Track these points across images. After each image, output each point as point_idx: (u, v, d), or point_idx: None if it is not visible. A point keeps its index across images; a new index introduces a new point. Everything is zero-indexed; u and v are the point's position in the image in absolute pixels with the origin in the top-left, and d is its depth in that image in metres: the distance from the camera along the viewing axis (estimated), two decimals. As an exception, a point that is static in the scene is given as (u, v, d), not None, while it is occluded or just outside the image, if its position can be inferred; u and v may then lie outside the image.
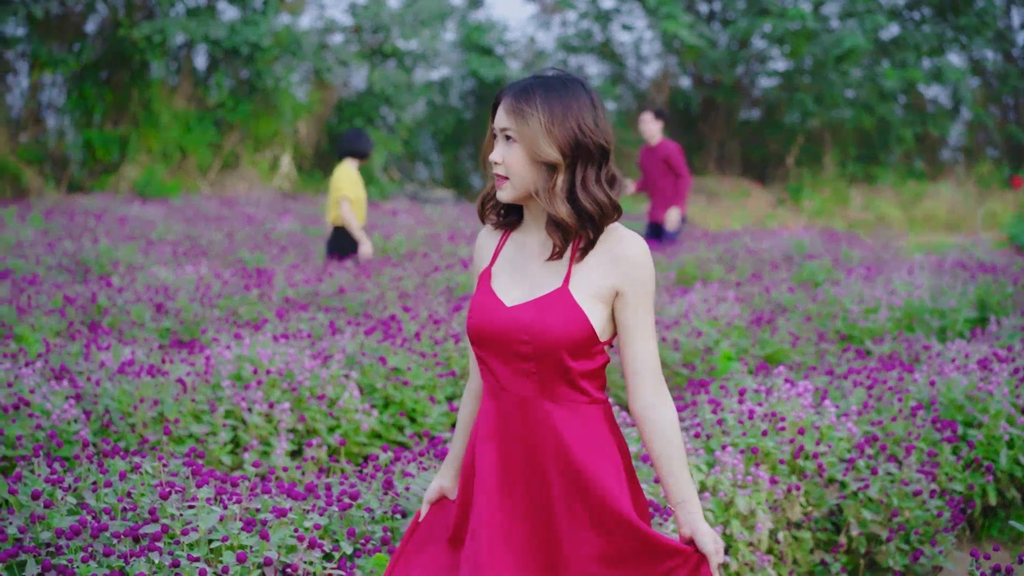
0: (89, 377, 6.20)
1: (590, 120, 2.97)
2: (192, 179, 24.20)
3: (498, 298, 3.06)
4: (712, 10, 27.52)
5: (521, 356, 2.99)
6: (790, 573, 4.93)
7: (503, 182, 3.01)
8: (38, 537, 3.78)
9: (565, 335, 2.93)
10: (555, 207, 2.94)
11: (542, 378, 2.99)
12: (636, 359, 3.02)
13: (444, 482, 3.40)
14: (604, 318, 3.00)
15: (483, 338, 3.05)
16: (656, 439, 3.02)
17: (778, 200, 23.89)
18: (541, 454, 3.01)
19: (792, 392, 5.33)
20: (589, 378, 3.02)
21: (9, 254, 11.71)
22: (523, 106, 2.95)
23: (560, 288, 2.97)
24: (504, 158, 2.99)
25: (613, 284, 2.98)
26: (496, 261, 3.15)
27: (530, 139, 2.93)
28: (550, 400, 3.00)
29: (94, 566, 3.51)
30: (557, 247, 2.98)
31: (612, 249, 2.99)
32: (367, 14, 26.47)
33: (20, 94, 24.73)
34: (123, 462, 4.36)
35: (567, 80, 3.02)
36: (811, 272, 11.45)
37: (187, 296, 8.97)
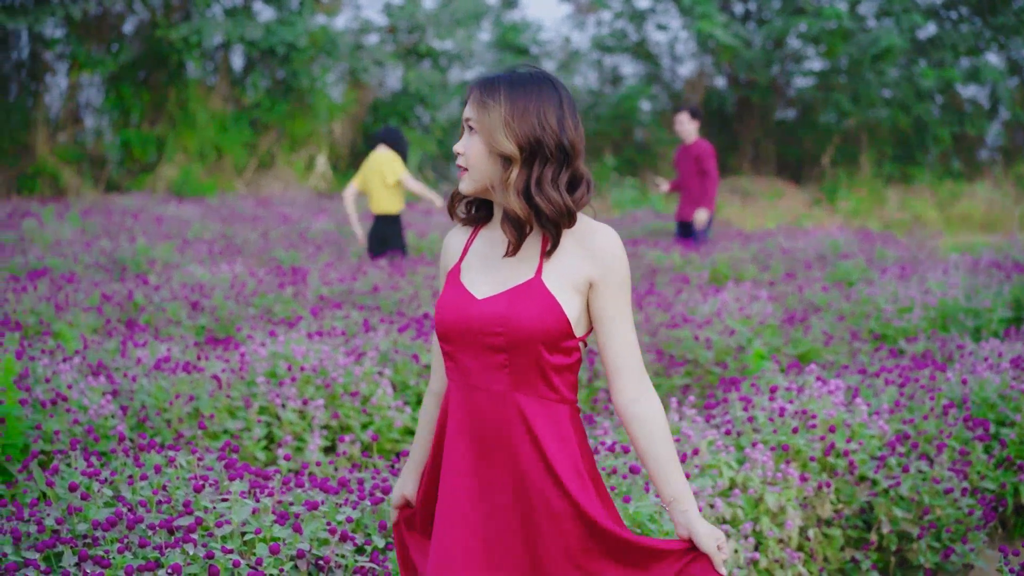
0: (126, 373, 6.26)
1: (553, 118, 2.93)
2: (228, 179, 24.34)
3: (468, 292, 3.02)
4: (747, 10, 27.45)
5: (493, 349, 2.94)
6: (820, 570, 4.93)
7: (463, 174, 3.00)
8: (75, 529, 3.83)
9: (540, 326, 2.90)
10: (509, 201, 2.91)
11: (514, 371, 2.94)
12: (615, 352, 2.98)
13: (406, 489, 3.37)
14: (578, 310, 2.95)
15: (453, 333, 3.00)
16: (642, 435, 2.97)
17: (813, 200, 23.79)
18: (515, 449, 2.97)
19: (823, 390, 5.33)
20: (561, 374, 2.97)
21: (48, 252, 11.82)
22: (486, 98, 2.93)
23: (533, 278, 2.94)
24: (465, 149, 2.97)
25: (587, 275, 2.94)
26: (465, 257, 3.11)
27: (489, 130, 2.91)
28: (522, 394, 2.96)
29: (129, 557, 3.56)
30: (511, 243, 2.95)
31: (585, 241, 2.96)
32: (402, 14, 26.55)
33: (59, 94, 24.97)
34: (158, 456, 4.42)
35: (537, 76, 2.98)
36: (845, 271, 11.42)
37: (222, 294, 9.04)
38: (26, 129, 23.30)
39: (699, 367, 7.48)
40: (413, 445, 3.38)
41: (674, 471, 2.96)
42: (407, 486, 3.37)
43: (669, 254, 12.12)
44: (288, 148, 25.74)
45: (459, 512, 3.00)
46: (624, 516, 4.08)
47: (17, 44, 24.05)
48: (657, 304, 8.76)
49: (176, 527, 3.69)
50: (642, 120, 27.82)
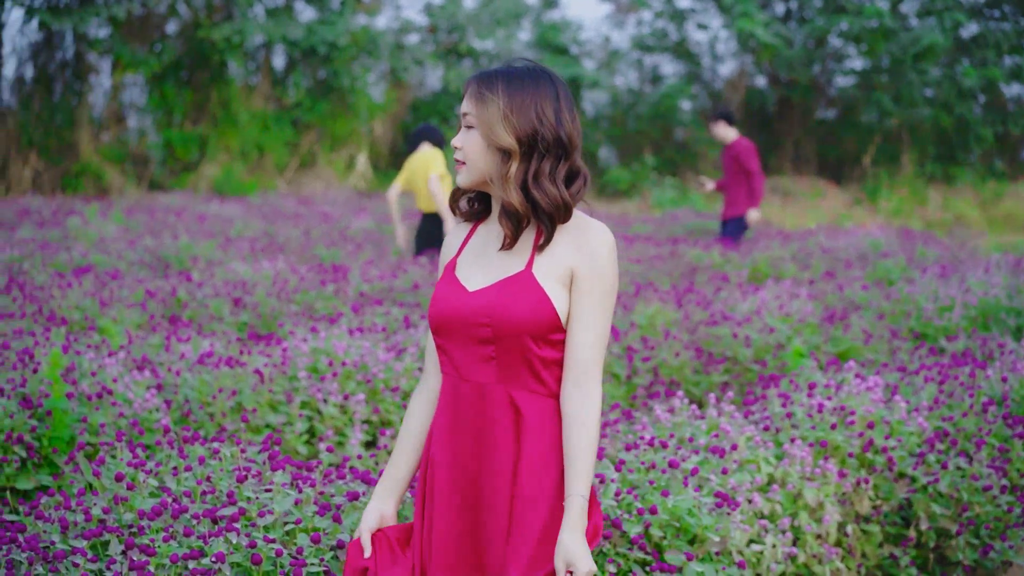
0: (170, 368, 6.34)
1: (551, 112, 2.94)
2: (269, 178, 24.49)
3: (461, 284, 3.04)
4: (788, 8, 27.36)
5: (481, 340, 2.96)
6: (858, 566, 4.94)
7: (461, 167, 3.02)
8: (121, 518, 3.89)
9: (528, 317, 2.91)
10: (508, 194, 2.93)
11: (502, 363, 2.96)
12: (572, 345, 2.96)
13: (385, 507, 3.27)
14: (567, 304, 2.96)
15: (444, 325, 3.02)
16: (565, 433, 2.95)
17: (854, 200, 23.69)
18: (493, 446, 2.98)
19: (862, 387, 5.34)
20: (550, 368, 2.98)
21: (92, 250, 11.94)
22: (484, 91, 2.95)
23: (523, 271, 2.96)
24: (463, 143, 2.99)
25: (571, 267, 2.94)
26: (462, 252, 3.13)
27: (487, 124, 2.93)
28: (509, 387, 2.97)
29: (174, 545, 3.61)
30: (507, 236, 2.97)
31: (576, 236, 2.97)
32: (443, 14, 26.64)
33: (103, 94, 25.18)
34: (202, 448, 4.48)
35: (534, 70, 2.99)
36: (885, 270, 11.39)
37: (264, 291, 9.11)
38: (71, 128, 23.52)
39: (738, 365, 7.49)
40: (393, 458, 3.28)
41: (575, 475, 2.89)
42: (387, 505, 3.28)
43: (709, 252, 12.12)
44: (329, 147, 25.87)
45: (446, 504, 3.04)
46: (663, 510, 4.10)
47: (62, 44, 24.27)
48: (696, 302, 8.77)
49: (219, 517, 3.75)
50: (682, 120, 27.78)
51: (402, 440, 3.26)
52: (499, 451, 2.98)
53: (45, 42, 24.00)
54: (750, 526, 4.42)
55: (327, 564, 3.64)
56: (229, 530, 3.62)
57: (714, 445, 4.68)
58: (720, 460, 4.61)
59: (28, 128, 22.92)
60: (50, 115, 23.57)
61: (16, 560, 3.51)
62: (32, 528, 3.83)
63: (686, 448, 4.71)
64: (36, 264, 10.79)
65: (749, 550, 4.36)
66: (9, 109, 23.37)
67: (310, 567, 3.57)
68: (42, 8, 22.17)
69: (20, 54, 24.06)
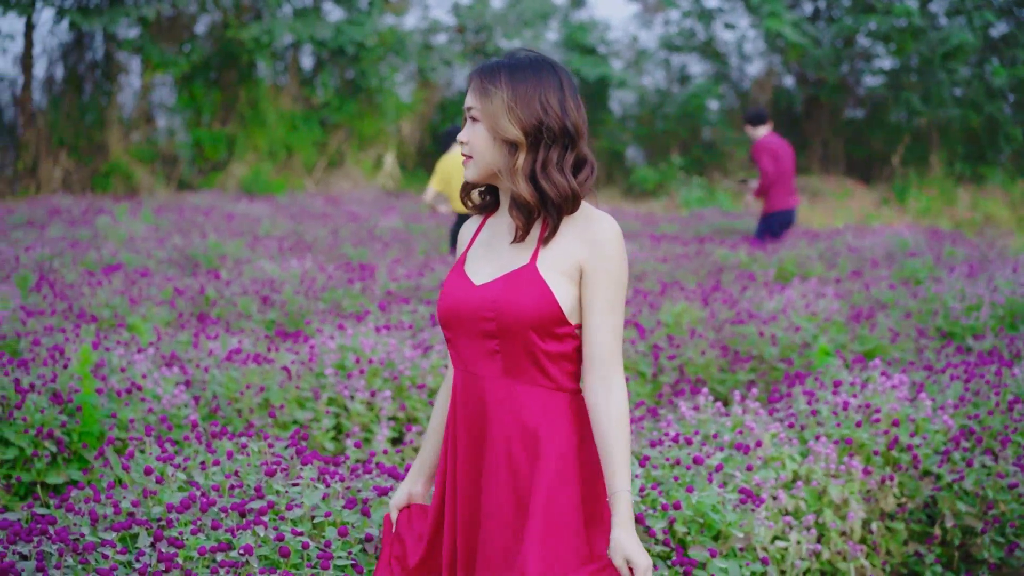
0: (198, 364, 6.39)
1: (555, 101, 2.93)
2: (298, 177, 24.57)
3: (468, 278, 3.04)
4: (817, 8, 27.28)
5: (486, 334, 2.95)
6: (883, 564, 4.94)
7: (468, 161, 3.01)
8: (150, 511, 3.94)
9: (530, 311, 2.89)
10: (517, 186, 2.92)
11: (507, 357, 2.95)
12: (588, 339, 2.94)
13: (414, 487, 3.39)
14: (573, 298, 2.95)
15: (451, 319, 3.03)
16: (595, 427, 2.93)
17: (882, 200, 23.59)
18: (499, 439, 2.98)
19: (888, 385, 5.34)
20: (556, 362, 2.97)
21: (121, 248, 12.03)
22: (487, 84, 2.94)
23: (527, 265, 2.94)
24: (469, 137, 2.98)
25: (579, 262, 2.93)
26: (472, 246, 3.14)
27: (492, 117, 2.92)
28: (514, 381, 2.96)
29: (203, 538, 3.65)
30: (519, 228, 2.96)
31: (582, 228, 2.95)
32: (471, 14, 26.67)
33: (132, 94, 25.32)
34: (230, 443, 4.52)
35: (536, 60, 2.98)
36: (912, 269, 11.36)
37: (292, 289, 9.17)
38: (100, 128, 23.66)
39: (764, 363, 7.49)
40: (423, 443, 3.39)
41: (617, 470, 2.89)
42: (416, 485, 3.39)
43: (735, 252, 12.11)
44: (357, 147, 25.93)
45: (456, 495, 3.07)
46: (687, 506, 4.12)
47: (92, 45, 24.43)
48: (723, 301, 8.77)
49: (248, 510, 3.78)
50: (709, 119, 27.73)
51: (430, 427, 3.35)
52: (502, 445, 2.98)
53: (75, 42, 24.16)
54: (774, 523, 4.44)
55: (355, 557, 3.67)
56: (257, 523, 3.65)
57: (739, 442, 4.70)
58: (745, 457, 4.63)
59: (58, 128, 23.07)
60: (80, 115, 23.72)
61: (47, 552, 3.56)
62: (62, 520, 3.87)
63: (711, 445, 4.72)
64: (66, 262, 10.88)
65: (773, 547, 4.38)
66: (39, 109, 23.52)
67: (338, 560, 3.60)
68: (72, 8, 22.31)
69: (50, 54, 24.23)
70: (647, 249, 12.51)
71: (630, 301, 8.72)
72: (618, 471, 2.88)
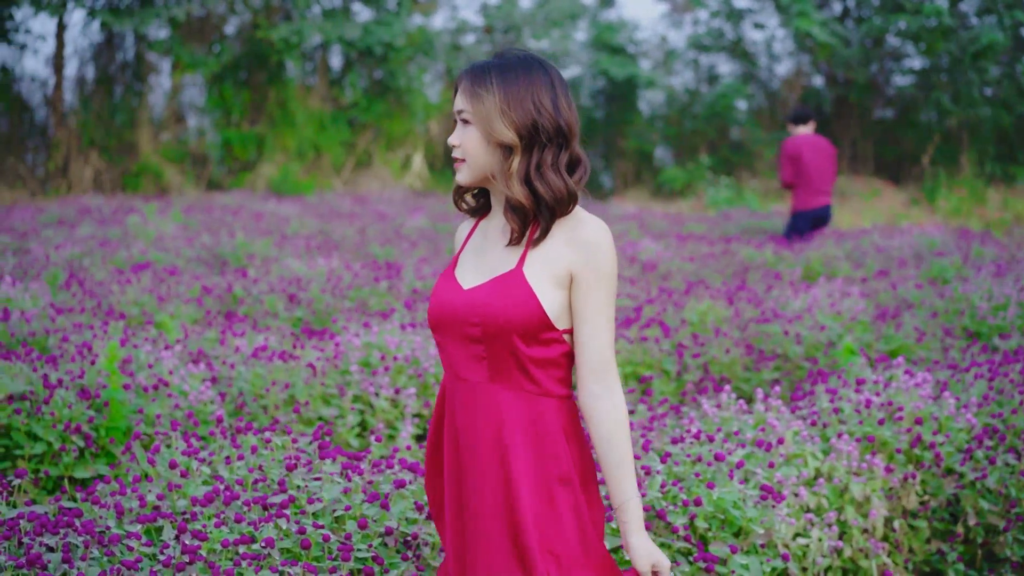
0: (224, 361, 6.45)
1: (548, 100, 2.88)
2: (326, 177, 24.65)
3: (457, 282, 2.99)
4: (846, 7, 27.18)
5: (472, 339, 2.90)
6: (906, 561, 4.94)
7: (460, 164, 2.96)
8: (174, 504, 3.99)
9: (514, 317, 2.84)
10: (512, 189, 2.87)
11: (493, 363, 2.89)
12: (582, 346, 2.89)
13: None
14: (560, 303, 2.89)
15: (439, 322, 2.99)
16: (597, 436, 2.89)
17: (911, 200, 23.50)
18: (482, 446, 2.92)
19: (911, 383, 5.34)
20: (543, 367, 2.91)
21: (151, 247, 12.11)
22: (478, 87, 2.89)
23: (513, 269, 2.89)
24: (461, 140, 2.93)
25: (569, 267, 2.88)
26: (464, 249, 3.09)
27: (485, 120, 2.87)
28: (500, 387, 2.90)
29: (226, 531, 3.70)
30: (515, 231, 2.91)
31: (572, 232, 2.90)
32: (499, 14, 26.71)
33: (162, 94, 25.46)
34: (255, 438, 4.56)
35: (526, 60, 2.92)
36: (940, 269, 11.31)
37: (319, 287, 9.22)
38: (131, 128, 23.81)
39: (789, 362, 7.49)
40: None
41: (624, 478, 2.88)
42: None
43: (762, 251, 12.10)
44: (385, 147, 26.00)
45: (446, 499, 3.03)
46: (708, 502, 4.14)
47: (123, 45, 24.58)
48: (748, 300, 8.78)
49: (270, 504, 3.83)
50: (738, 119, 27.67)
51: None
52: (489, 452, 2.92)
53: (106, 43, 24.31)
54: (796, 520, 4.45)
55: (375, 550, 3.71)
56: (279, 516, 3.69)
57: (761, 439, 4.71)
58: (766, 454, 4.64)
59: (89, 128, 23.23)
60: (111, 115, 23.87)
61: (73, 544, 3.61)
62: (88, 513, 3.92)
63: (732, 442, 4.74)
64: (96, 261, 10.98)
65: (795, 543, 4.39)
66: (71, 109, 23.70)
67: (358, 552, 3.64)
68: (104, 9, 22.47)
69: (82, 55, 24.40)
70: (673, 248, 12.51)
71: (655, 299, 8.73)
72: (624, 478, 2.88)
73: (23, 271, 10.10)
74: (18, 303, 7.94)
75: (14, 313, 7.47)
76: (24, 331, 7.21)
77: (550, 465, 2.91)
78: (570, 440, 2.95)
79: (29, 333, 7.20)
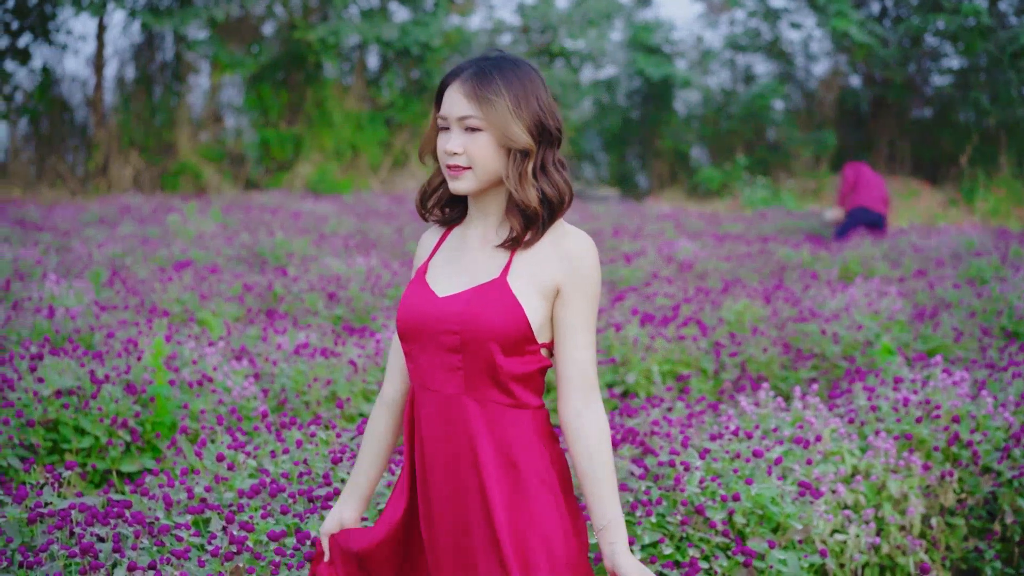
0: (267, 358, 6.53)
1: (546, 99, 2.83)
2: (363, 177, 24.75)
3: (430, 289, 2.89)
4: (884, 7, 27.08)
5: (448, 348, 2.80)
6: (943, 559, 4.96)
7: (462, 172, 2.82)
8: (221, 497, 4.06)
9: (497, 327, 2.75)
10: (526, 193, 2.79)
11: (468, 374, 2.80)
12: (566, 361, 2.82)
13: (345, 512, 3.13)
14: (543, 315, 2.81)
15: (410, 330, 2.87)
16: (579, 452, 2.80)
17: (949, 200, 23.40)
18: (461, 460, 2.82)
19: (949, 381, 5.36)
20: (520, 381, 2.82)
21: (191, 245, 12.23)
22: (485, 92, 2.78)
23: (497, 278, 2.81)
24: (466, 148, 2.79)
25: (554, 279, 2.80)
26: (434, 256, 2.98)
27: (500, 125, 2.77)
28: (474, 399, 2.81)
29: (272, 523, 3.77)
30: (516, 232, 2.82)
31: (557, 244, 2.83)
32: (535, 14, 26.74)
33: (201, 95, 25.63)
34: (299, 432, 4.64)
35: (516, 61, 2.85)
36: (978, 269, 11.29)
37: (358, 286, 9.29)
38: (170, 128, 23.99)
39: (826, 361, 7.51)
40: (357, 463, 3.17)
41: (608, 496, 2.79)
42: (347, 509, 3.13)
43: (798, 251, 12.11)
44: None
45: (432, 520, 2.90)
46: (746, 498, 4.18)
47: (162, 46, 24.78)
48: (785, 299, 8.80)
49: (315, 496, 3.89)
50: (774, 119, 27.61)
51: (363, 447, 3.17)
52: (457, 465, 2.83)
53: (146, 43, 24.51)
54: (833, 516, 4.48)
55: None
56: (324, 508, 3.76)
57: (798, 436, 4.74)
58: (804, 451, 4.67)
59: (129, 128, 23.43)
60: (150, 115, 24.06)
61: (123, 534, 3.68)
62: (138, 505, 4.00)
63: (770, 439, 4.77)
64: (137, 259, 11.10)
65: (832, 539, 4.42)
66: (111, 109, 23.91)
67: (402, 544, 3.69)
68: (144, 10, 22.65)
69: (122, 55, 24.60)
70: (710, 248, 12.53)
71: (692, 298, 8.76)
72: (607, 498, 2.79)
73: (66, 269, 10.23)
74: (63, 300, 8.05)
75: (59, 310, 7.58)
76: (69, 328, 7.32)
77: (527, 475, 2.81)
78: (546, 446, 2.87)
79: (74, 330, 7.31)
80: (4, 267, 9.97)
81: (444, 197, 2.97)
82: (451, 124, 2.82)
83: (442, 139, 2.85)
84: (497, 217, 2.91)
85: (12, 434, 5.22)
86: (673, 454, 4.37)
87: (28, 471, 4.98)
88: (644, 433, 4.87)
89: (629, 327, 7.33)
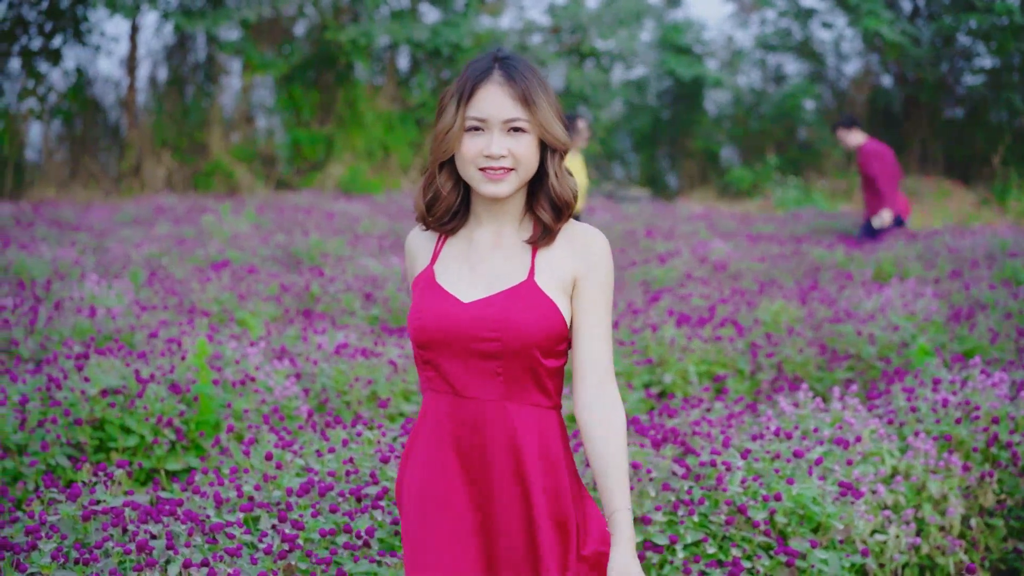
0: (307, 358, 6.59)
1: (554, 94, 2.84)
2: (394, 177, 24.83)
3: (452, 295, 2.83)
4: (916, 6, 27.00)
5: (485, 355, 2.77)
6: (982, 559, 4.99)
7: (507, 175, 2.79)
8: (270, 495, 4.12)
9: (538, 330, 2.76)
10: (563, 189, 2.83)
11: (509, 379, 2.79)
12: (583, 352, 2.81)
13: None
14: (569, 312, 2.83)
15: (437, 339, 2.80)
16: (592, 440, 2.79)
17: (982, 200, 23.30)
18: (500, 464, 2.80)
19: (987, 383, 5.37)
20: (555, 378, 2.84)
21: (227, 246, 12.32)
22: (531, 94, 2.77)
23: (526, 281, 2.80)
24: (511, 150, 2.77)
25: (573, 273, 2.82)
26: (438, 261, 2.92)
27: (546, 125, 2.78)
28: (514, 403, 2.80)
29: (322, 521, 3.82)
30: (549, 224, 2.83)
31: (572, 239, 2.85)
32: (566, 14, 26.77)
33: (233, 95, 25.77)
34: (344, 431, 4.70)
35: (525, 59, 2.83)
36: (1014, 270, 11.26)
37: (394, 286, 9.36)
38: (202, 128, 24.14)
39: (862, 362, 7.52)
40: None
41: (616, 486, 2.75)
42: None
43: (832, 252, 12.11)
44: (452, 147, 26.12)
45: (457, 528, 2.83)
46: (787, 498, 4.21)
47: (194, 47, 24.94)
48: (820, 300, 8.81)
49: (364, 495, 3.95)
50: (806, 119, 27.56)
51: None
52: (507, 471, 2.80)
53: (178, 44, 24.67)
54: (873, 516, 4.51)
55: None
56: (374, 507, 3.82)
57: (838, 437, 4.77)
58: (844, 452, 4.70)
59: (161, 128, 23.58)
60: (183, 115, 24.21)
61: (175, 532, 3.75)
62: (188, 503, 4.07)
63: (810, 439, 4.80)
64: (175, 259, 11.20)
65: (872, 539, 4.45)
66: (143, 110, 24.08)
67: (450, 543, 3.74)
68: (176, 11, 22.80)
69: (154, 56, 24.77)
70: (743, 248, 12.55)
71: (728, 299, 8.79)
72: (618, 487, 2.75)
73: (104, 269, 10.33)
74: (103, 300, 8.14)
75: (99, 310, 7.67)
76: (111, 327, 7.40)
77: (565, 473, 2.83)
78: (566, 451, 2.88)
79: (116, 330, 7.39)
80: (44, 267, 10.09)
81: (454, 204, 2.91)
82: (491, 126, 2.77)
83: (476, 141, 2.79)
84: (514, 217, 2.90)
85: (60, 432, 5.30)
86: (715, 454, 4.41)
87: (78, 469, 5.06)
88: (685, 433, 4.91)
89: (665, 327, 7.37)
